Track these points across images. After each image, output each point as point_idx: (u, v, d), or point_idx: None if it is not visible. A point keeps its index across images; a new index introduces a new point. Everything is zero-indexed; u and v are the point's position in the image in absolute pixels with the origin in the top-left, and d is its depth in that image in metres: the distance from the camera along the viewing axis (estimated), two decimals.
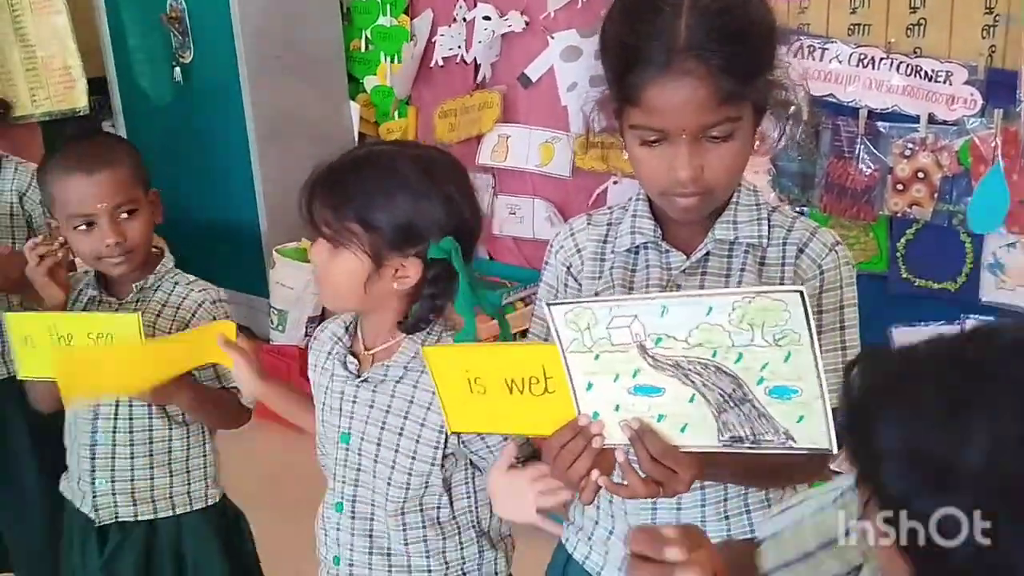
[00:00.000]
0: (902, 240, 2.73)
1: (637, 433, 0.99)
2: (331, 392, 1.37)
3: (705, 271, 1.17)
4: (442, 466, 1.32)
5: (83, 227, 1.57)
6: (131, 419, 1.65)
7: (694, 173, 1.07)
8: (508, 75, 3.60)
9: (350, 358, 1.36)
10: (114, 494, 1.67)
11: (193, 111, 3.93)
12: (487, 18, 3.58)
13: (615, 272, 1.20)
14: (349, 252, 1.24)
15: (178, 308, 1.66)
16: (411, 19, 3.88)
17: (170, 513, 1.69)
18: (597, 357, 1.00)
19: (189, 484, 1.70)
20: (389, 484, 1.33)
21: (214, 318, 1.65)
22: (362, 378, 1.34)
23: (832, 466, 1.15)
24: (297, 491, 2.93)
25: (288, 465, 2.98)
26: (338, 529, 1.37)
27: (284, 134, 3.84)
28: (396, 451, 1.32)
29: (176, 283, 1.68)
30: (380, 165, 1.27)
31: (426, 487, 1.33)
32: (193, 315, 1.65)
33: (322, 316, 3.77)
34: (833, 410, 0.93)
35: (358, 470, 1.35)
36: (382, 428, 1.33)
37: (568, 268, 1.26)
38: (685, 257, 1.18)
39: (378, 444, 1.33)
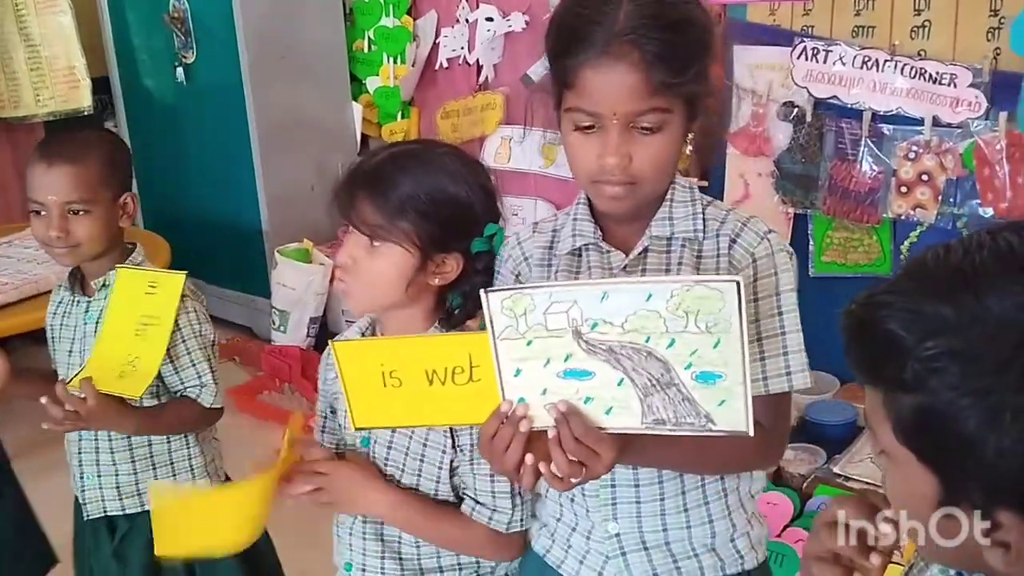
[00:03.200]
0: (906, 243, 2.72)
1: (563, 415, 1.02)
2: None
3: (645, 268, 1.20)
4: (451, 473, 1.31)
5: (35, 212, 1.59)
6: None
7: (621, 161, 1.10)
8: (511, 76, 3.60)
9: None
10: (101, 488, 1.68)
11: (196, 111, 3.92)
12: (490, 19, 3.57)
13: (559, 276, 1.23)
14: (395, 248, 1.23)
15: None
16: (414, 20, 3.88)
17: None
18: (529, 343, 1.03)
19: (175, 476, 1.70)
20: (399, 487, 1.32)
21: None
22: None
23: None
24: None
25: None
26: (351, 533, 1.36)
27: (286, 135, 3.84)
28: (406, 454, 1.32)
29: None
30: (421, 160, 1.27)
31: (436, 493, 1.32)
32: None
33: (324, 317, 3.77)
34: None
35: None
36: (394, 431, 1.33)
37: (516, 276, 1.28)
38: (625, 256, 1.21)
39: (389, 447, 1.33)
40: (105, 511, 1.69)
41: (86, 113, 4.30)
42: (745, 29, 2.83)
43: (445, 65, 3.81)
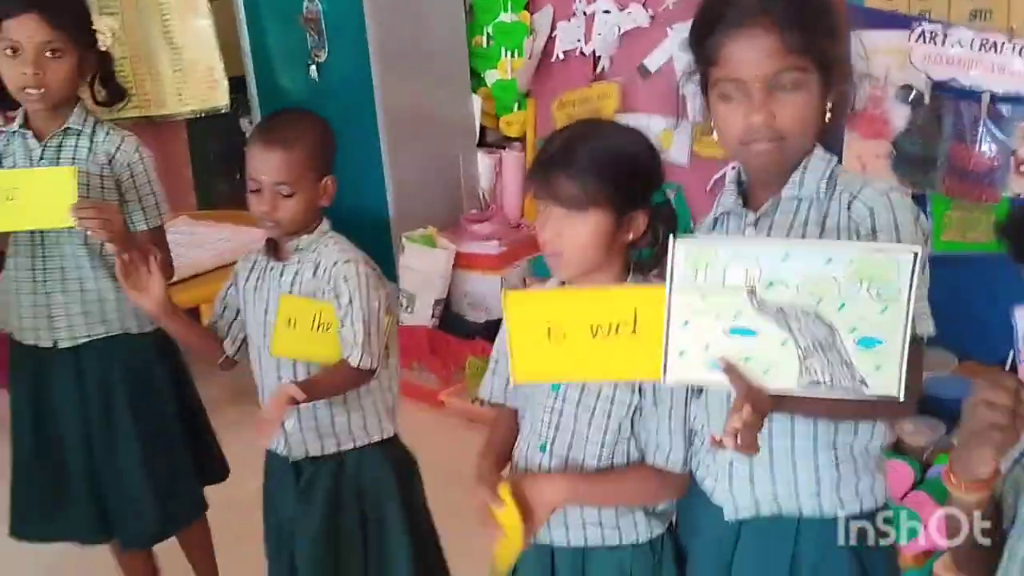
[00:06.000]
0: None
1: (730, 366, 1.12)
2: None
3: (771, 225, 1.31)
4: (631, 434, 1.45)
5: (252, 188, 1.76)
6: (308, 365, 1.82)
7: (766, 118, 1.23)
8: (627, 66, 3.72)
9: None
10: (303, 431, 1.84)
11: (327, 107, 4.09)
12: (607, 12, 3.71)
13: None
14: (594, 213, 1.37)
15: (327, 269, 1.80)
16: (531, 14, 4.03)
17: (351, 445, 1.86)
18: (704, 297, 1.12)
19: (365, 419, 1.86)
20: (587, 441, 1.46)
21: (344, 277, 1.77)
22: None
23: None
24: None
25: None
26: (539, 467, 1.50)
27: (411, 127, 4.04)
28: (597, 396, 1.44)
29: (327, 247, 1.82)
30: (599, 132, 1.44)
31: (616, 444, 1.45)
32: (331, 276, 1.79)
33: (447, 298, 3.96)
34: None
35: (560, 415, 1.48)
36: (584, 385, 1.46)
37: None
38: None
39: (581, 394, 1.46)
40: (307, 453, 1.85)
41: (223, 112, 4.60)
42: (863, 14, 2.89)
43: (561, 57, 3.95)
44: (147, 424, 2.15)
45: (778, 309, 1.10)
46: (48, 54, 1.89)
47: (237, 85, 4.55)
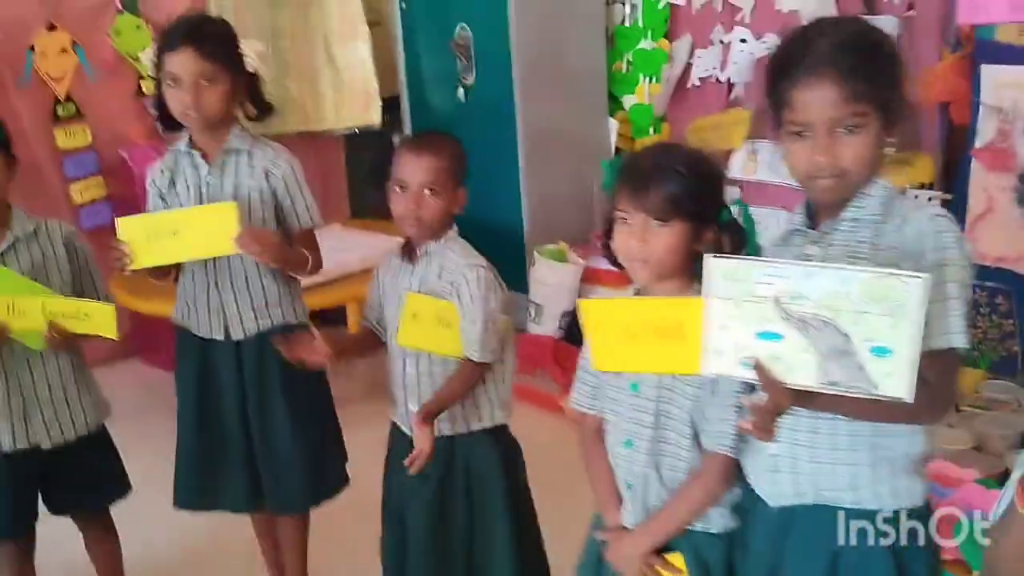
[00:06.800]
0: None
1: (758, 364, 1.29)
2: None
3: (832, 243, 1.44)
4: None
5: (398, 190, 1.97)
6: (430, 357, 2.03)
7: (829, 158, 1.37)
8: (760, 94, 3.80)
9: None
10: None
11: (472, 126, 4.36)
12: (743, 40, 3.82)
13: (770, 255, 1.51)
14: (677, 224, 1.53)
15: (451, 272, 2.00)
16: (670, 42, 4.18)
17: (465, 429, 2.06)
18: (738, 305, 1.29)
19: (478, 406, 2.06)
20: (667, 430, 1.61)
21: (466, 279, 1.97)
22: None
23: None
24: None
25: None
26: (629, 461, 1.66)
27: (549, 147, 4.24)
28: (672, 395, 1.60)
29: (454, 252, 2.02)
30: (689, 154, 1.59)
31: (692, 433, 1.59)
32: (454, 278, 1.99)
33: (574, 311, 4.12)
34: None
35: (641, 411, 1.63)
36: (659, 387, 1.61)
37: None
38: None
39: (657, 388, 1.62)
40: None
41: (376, 129, 4.94)
42: (993, 49, 2.91)
43: (697, 84, 4.08)
44: (299, 404, 2.37)
45: (800, 319, 1.26)
46: (204, 82, 2.14)
47: (392, 105, 4.90)
